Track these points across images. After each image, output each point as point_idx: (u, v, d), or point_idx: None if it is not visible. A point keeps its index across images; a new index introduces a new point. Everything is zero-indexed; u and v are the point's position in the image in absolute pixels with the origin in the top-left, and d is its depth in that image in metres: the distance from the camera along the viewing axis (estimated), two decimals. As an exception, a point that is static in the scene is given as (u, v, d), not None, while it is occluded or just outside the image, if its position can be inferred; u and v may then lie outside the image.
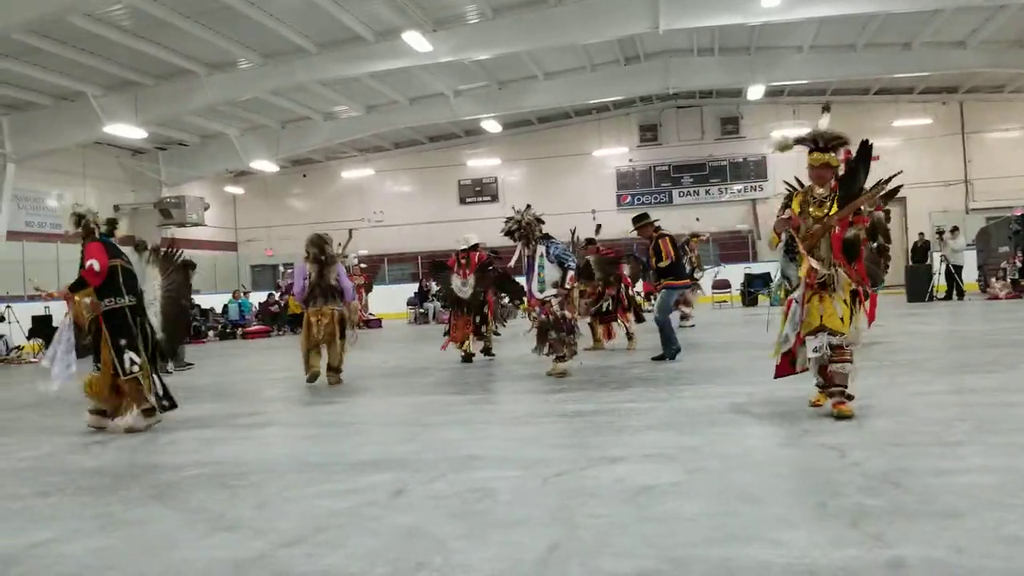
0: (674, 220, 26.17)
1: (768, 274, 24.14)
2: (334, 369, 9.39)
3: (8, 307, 18.19)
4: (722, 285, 23.39)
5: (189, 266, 7.91)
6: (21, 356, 17.21)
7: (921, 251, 22.28)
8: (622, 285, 11.90)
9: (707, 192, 29.04)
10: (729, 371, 8.57)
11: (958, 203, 26.90)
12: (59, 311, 18.36)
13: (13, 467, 5.40)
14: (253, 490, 4.34)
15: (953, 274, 20.37)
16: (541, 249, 8.73)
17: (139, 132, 21.02)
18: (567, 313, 8.72)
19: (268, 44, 18.30)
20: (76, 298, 6.56)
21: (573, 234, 11.82)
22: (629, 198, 29.56)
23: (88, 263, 6.52)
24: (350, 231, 20.16)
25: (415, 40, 17.31)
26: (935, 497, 3.49)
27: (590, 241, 12.34)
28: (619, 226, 27.97)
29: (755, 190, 28.62)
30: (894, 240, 27.38)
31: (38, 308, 19.00)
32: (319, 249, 9.43)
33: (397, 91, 23.10)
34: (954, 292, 20.31)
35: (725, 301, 22.85)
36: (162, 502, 4.19)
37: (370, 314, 23.70)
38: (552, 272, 8.66)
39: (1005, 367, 7.55)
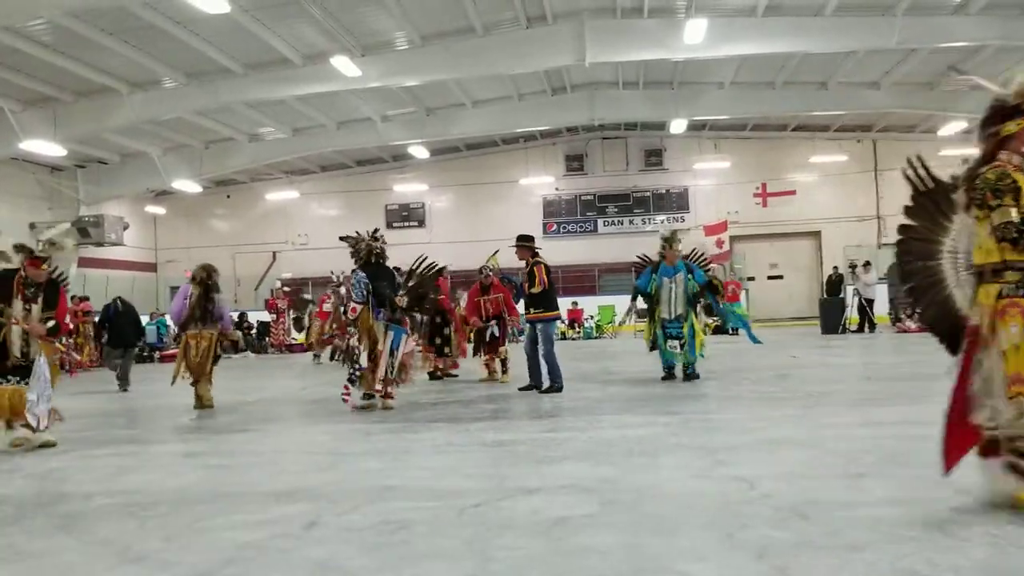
0: (601, 249, 26.79)
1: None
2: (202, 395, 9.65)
3: None
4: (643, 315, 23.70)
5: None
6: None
7: (835, 284, 22.97)
8: (505, 313, 11.88)
9: (631, 222, 29.53)
10: (647, 399, 8.73)
11: (871, 238, 27.89)
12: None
13: (-91, 497, 5.17)
14: (162, 520, 4.26)
15: (865, 307, 20.99)
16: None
17: (57, 149, 20.41)
18: (351, 342, 8.91)
19: (193, 63, 18.03)
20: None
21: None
22: (555, 226, 29.87)
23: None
24: (274, 253, 19.93)
25: (343, 65, 17.28)
26: (840, 530, 3.61)
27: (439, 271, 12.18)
28: (545, 254, 28.26)
29: (677, 221, 29.16)
30: (809, 272, 28.58)
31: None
32: (207, 274, 9.82)
33: (324, 114, 22.97)
34: (866, 325, 20.93)
35: (642, 331, 23.16)
36: (68, 532, 4.07)
37: (292, 339, 23.33)
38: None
39: (912, 400, 7.78)
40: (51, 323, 6.88)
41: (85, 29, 15.27)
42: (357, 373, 8.79)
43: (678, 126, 25.28)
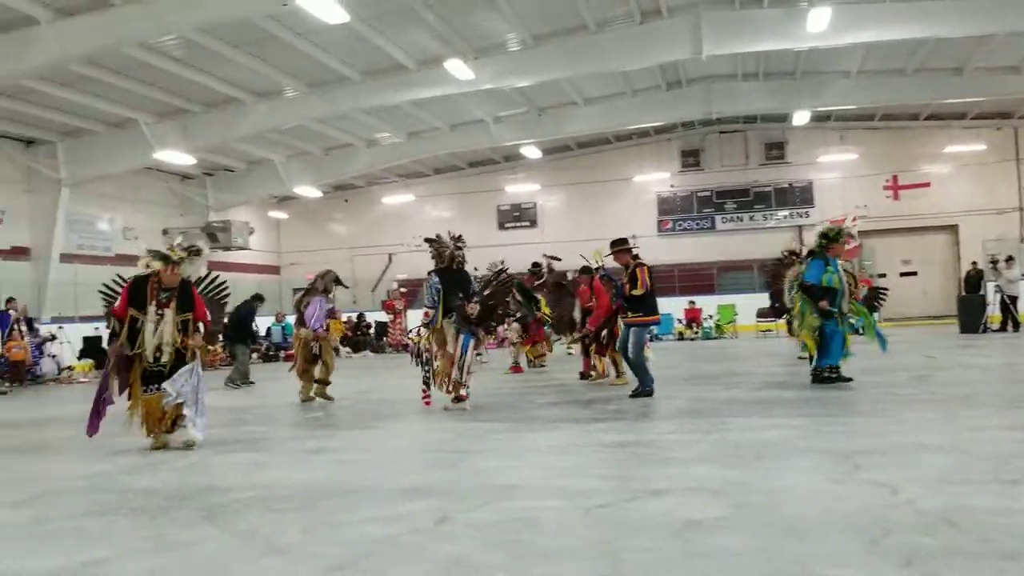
0: (720, 246, 26.25)
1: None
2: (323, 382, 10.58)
3: (60, 328, 18.59)
4: (767, 313, 23.10)
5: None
6: (72, 376, 17.56)
7: (974, 281, 21.78)
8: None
9: (751, 218, 28.76)
10: (775, 403, 8.46)
11: (1013, 231, 26.30)
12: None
13: (68, 486, 5.51)
14: (298, 514, 4.39)
15: (1008, 305, 19.85)
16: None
17: (188, 158, 21.44)
18: (423, 345, 9.15)
19: (313, 73, 18.61)
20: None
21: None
22: (671, 224, 29.41)
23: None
24: (390, 255, 20.37)
25: (457, 68, 17.49)
26: (992, 537, 3.41)
27: (584, 270, 12.02)
28: (661, 253, 27.97)
29: (801, 216, 28.30)
30: (945, 268, 27.16)
31: (88, 329, 19.42)
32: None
33: (438, 118, 23.33)
34: (1009, 323, 19.79)
35: (771, 330, 22.54)
36: (212, 524, 4.25)
37: (408, 338, 23.77)
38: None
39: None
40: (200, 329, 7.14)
41: (213, 43, 15.97)
42: (429, 375, 8.98)
43: (801, 117, 24.47)
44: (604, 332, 11.39)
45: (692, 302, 24.66)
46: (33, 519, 4.56)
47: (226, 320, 11.09)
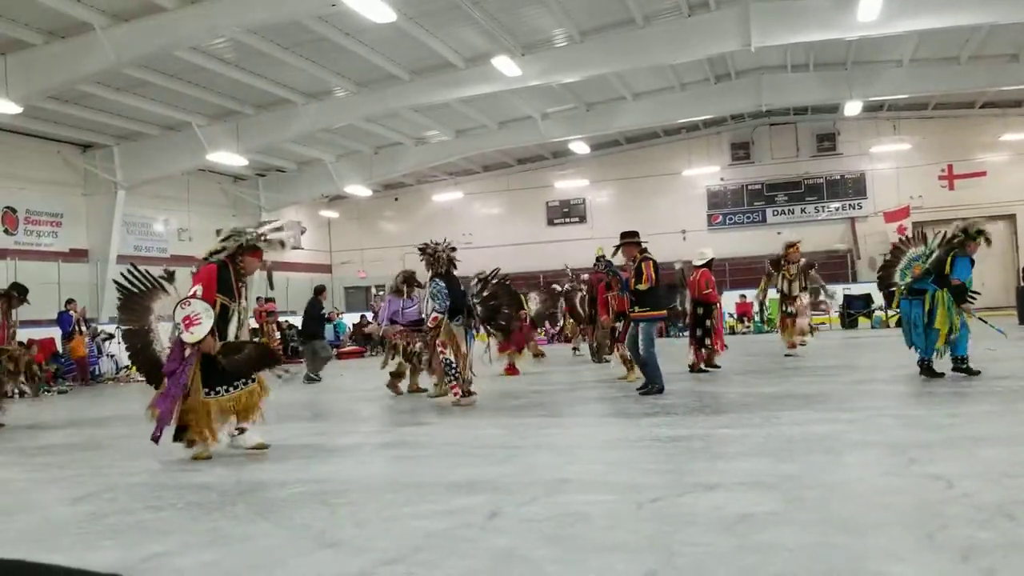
0: (771, 240, 25.79)
1: (868, 295, 23.40)
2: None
3: (119, 328, 19.01)
4: (818, 307, 22.73)
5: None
6: (129, 375, 17.96)
7: (1033, 271, 21.23)
8: (714, 306, 11.74)
9: (803, 211, 28.36)
10: (827, 396, 8.35)
11: (1073, 220, 25.64)
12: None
13: (126, 482, 5.65)
14: (352, 508, 4.45)
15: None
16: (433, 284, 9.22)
17: (240, 159, 21.82)
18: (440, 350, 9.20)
19: (362, 73, 18.80)
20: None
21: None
22: (721, 218, 29.13)
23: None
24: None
25: (504, 65, 17.53)
26: (1053, 532, 3.33)
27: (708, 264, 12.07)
28: (710, 246, 27.64)
29: (854, 208, 27.82)
30: (1003, 258, 26.46)
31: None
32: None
33: (486, 115, 23.41)
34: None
35: (823, 323, 22.20)
36: (266, 518, 4.32)
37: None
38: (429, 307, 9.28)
39: None
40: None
41: (263, 45, 16.22)
42: (457, 373, 9.11)
43: (853, 108, 24.06)
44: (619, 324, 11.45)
45: (743, 296, 24.37)
46: (92, 514, 4.67)
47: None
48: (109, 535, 4.14)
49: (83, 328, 17.04)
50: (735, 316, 24.16)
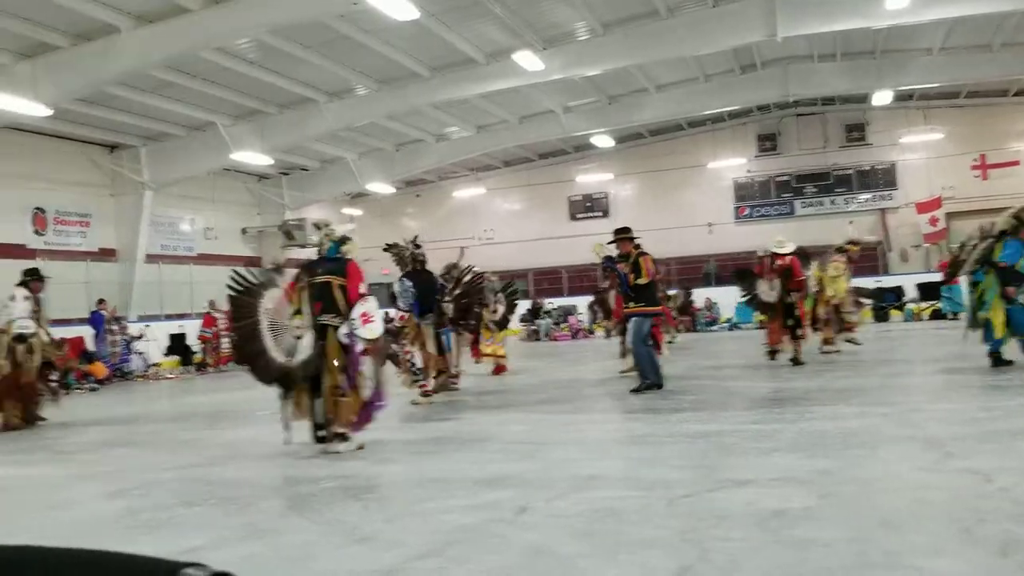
0: (799, 232, 25.59)
1: (900, 287, 23.14)
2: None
3: (147, 326, 19.24)
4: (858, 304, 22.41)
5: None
6: (159, 373, 18.16)
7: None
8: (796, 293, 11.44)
9: (832, 202, 28.00)
10: (861, 390, 8.24)
11: (1106, 208, 25.08)
12: (193, 330, 19.29)
13: (158, 478, 5.70)
14: (382, 503, 4.46)
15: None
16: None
17: (264, 158, 21.91)
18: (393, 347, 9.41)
19: (383, 70, 18.80)
20: None
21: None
22: (748, 210, 28.85)
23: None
24: (461, 249, 20.47)
25: (526, 59, 17.45)
26: (1096, 527, 3.26)
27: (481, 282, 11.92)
28: (738, 240, 27.48)
29: (884, 199, 27.47)
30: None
31: (173, 327, 20.06)
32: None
33: (507, 110, 23.34)
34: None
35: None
36: (299, 513, 4.34)
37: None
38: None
39: None
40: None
41: (285, 45, 16.27)
42: (418, 371, 9.27)
43: (882, 97, 23.71)
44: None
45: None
46: (128, 510, 4.72)
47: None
48: (146, 530, 4.18)
49: (114, 327, 17.22)
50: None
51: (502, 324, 13.52)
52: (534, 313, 25.84)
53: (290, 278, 6.58)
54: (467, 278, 10.44)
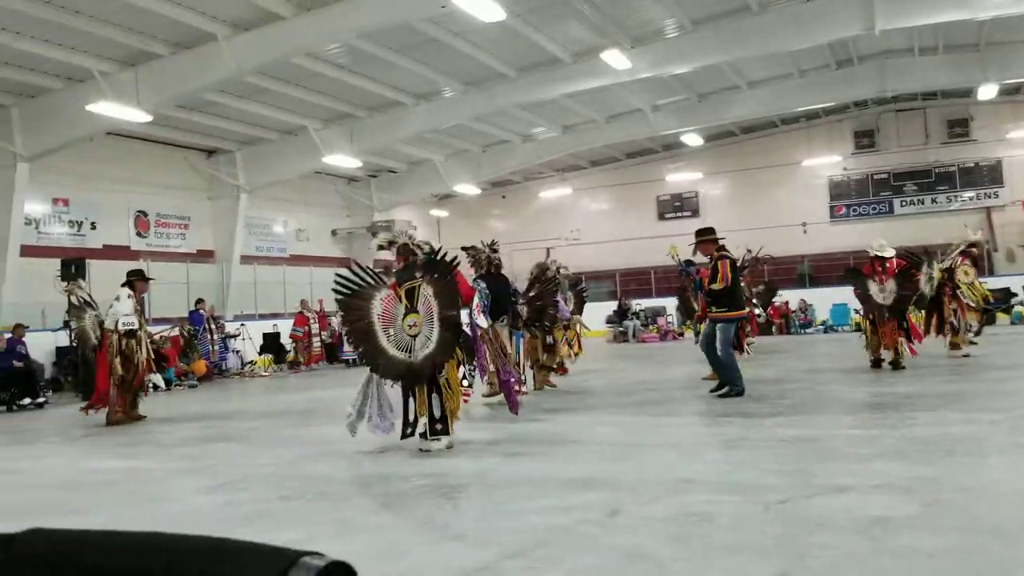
0: (898, 231, 24.77)
1: (1007, 289, 22.09)
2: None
3: (243, 325, 19.83)
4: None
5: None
6: (254, 370, 18.69)
7: None
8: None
9: (933, 200, 26.94)
10: (966, 396, 7.90)
11: None
12: (286, 329, 19.75)
13: (256, 473, 5.85)
14: (472, 502, 4.47)
15: None
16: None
17: (354, 161, 22.35)
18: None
19: (470, 72, 18.96)
20: None
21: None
22: (844, 209, 28.00)
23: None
24: (548, 250, 20.48)
25: (614, 58, 17.32)
26: None
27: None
28: (834, 240, 26.72)
29: (989, 197, 26.31)
30: None
31: (267, 326, 20.63)
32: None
33: (594, 110, 23.23)
34: None
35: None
36: (391, 510, 4.39)
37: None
38: None
39: None
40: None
41: (375, 48, 16.56)
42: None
43: (987, 92, 22.68)
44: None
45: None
46: (226, 503, 4.86)
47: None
48: (244, 523, 4.29)
49: (212, 326, 17.78)
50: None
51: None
52: (621, 314, 25.63)
53: (392, 279, 6.72)
54: (546, 275, 10.47)
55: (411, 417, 6.44)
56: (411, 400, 6.46)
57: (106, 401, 9.78)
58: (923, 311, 12.13)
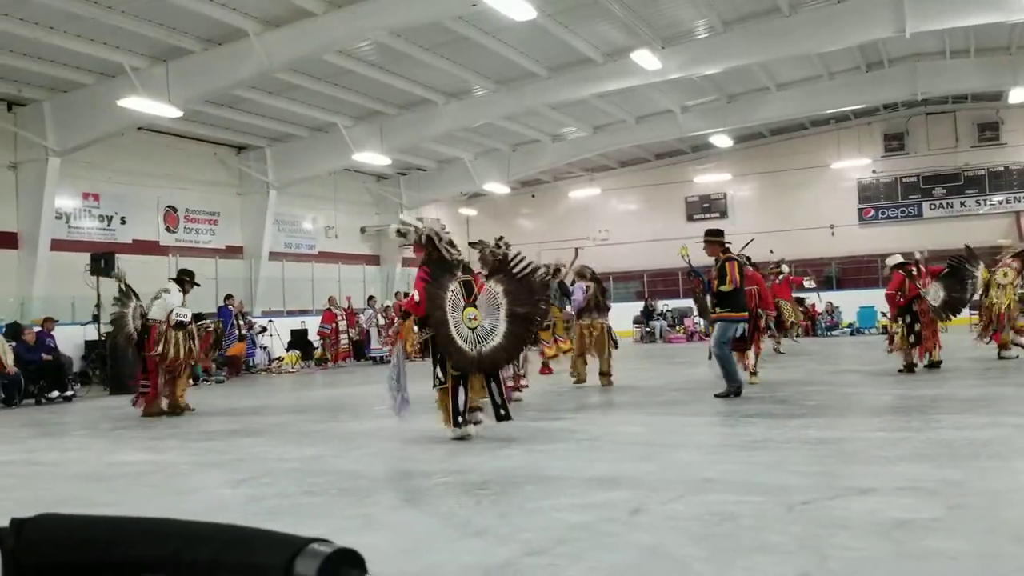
0: (927, 235, 24.50)
1: None
2: (605, 374, 10.84)
3: (271, 321, 20.01)
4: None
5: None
6: (282, 366, 18.86)
7: None
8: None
9: (962, 204, 26.65)
10: (993, 399, 7.83)
11: None
12: (314, 325, 19.87)
13: (282, 467, 5.93)
14: (495, 499, 4.50)
15: None
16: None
17: (384, 159, 22.47)
18: None
19: (501, 71, 19.00)
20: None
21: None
22: (873, 212, 27.76)
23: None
24: (576, 250, 20.43)
25: (644, 59, 17.29)
26: None
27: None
28: (862, 242, 26.48)
29: (1019, 201, 25.96)
30: None
31: (295, 322, 20.80)
32: (594, 271, 11.50)
33: (623, 110, 23.19)
34: None
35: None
36: (414, 506, 4.44)
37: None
38: None
39: None
40: None
41: (405, 46, 16.65)
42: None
43: (1018, 95, 22.38)
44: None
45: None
46: (251, 497, 4.92)
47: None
48: (269, 517, 4.35)
49: (240, 322, 17.94)
50: (888, 315, 23.01)
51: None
52: (648, 315, 25.57)
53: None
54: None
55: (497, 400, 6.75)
56: (460, 389, 6.66)
57: (155, 392, 9.94)
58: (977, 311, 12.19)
